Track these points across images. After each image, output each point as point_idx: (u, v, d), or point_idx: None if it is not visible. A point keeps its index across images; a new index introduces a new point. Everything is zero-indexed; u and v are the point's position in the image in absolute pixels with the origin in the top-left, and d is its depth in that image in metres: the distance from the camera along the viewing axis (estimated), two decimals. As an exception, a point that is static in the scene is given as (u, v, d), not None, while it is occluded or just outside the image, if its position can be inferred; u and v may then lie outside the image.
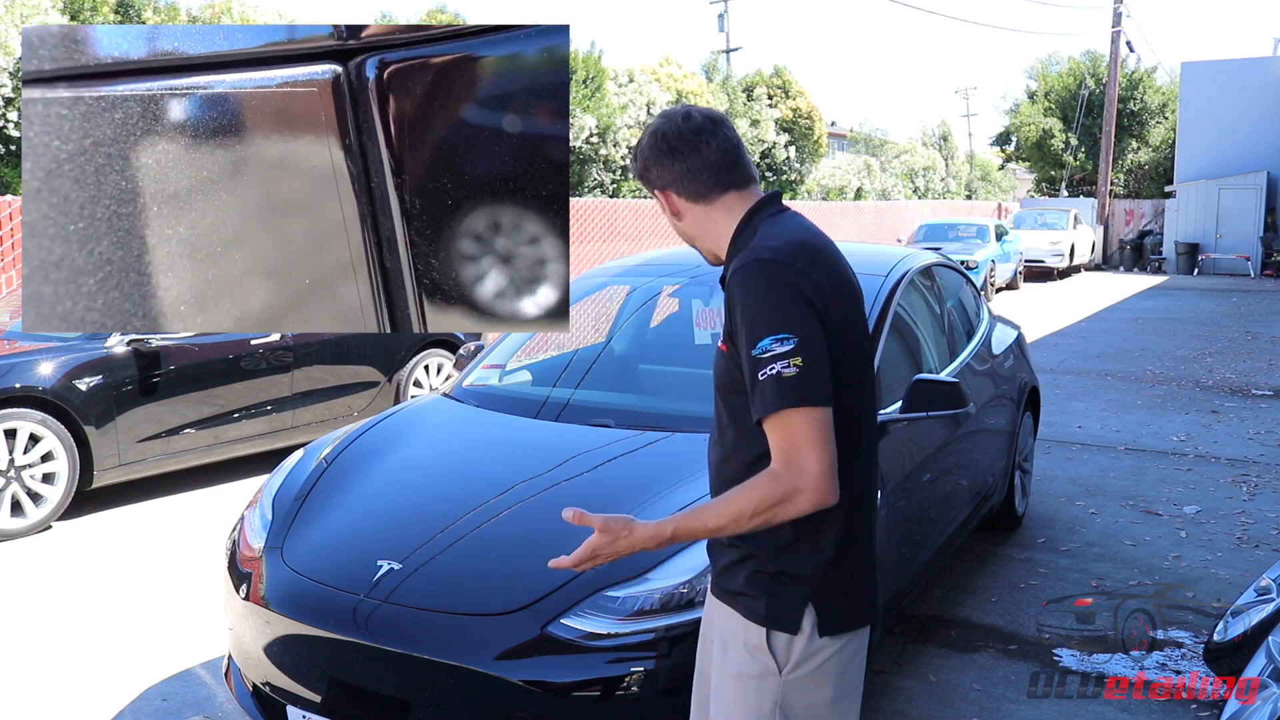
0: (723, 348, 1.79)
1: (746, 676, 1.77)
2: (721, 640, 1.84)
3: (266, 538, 2.99)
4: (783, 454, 1.63)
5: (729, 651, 1.81)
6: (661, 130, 1.83)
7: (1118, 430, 7.52)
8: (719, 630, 1.86)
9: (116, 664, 3.74)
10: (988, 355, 4.79)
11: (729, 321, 1.74)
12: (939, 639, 3.94)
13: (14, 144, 12.77)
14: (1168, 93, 33.05)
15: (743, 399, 1.72)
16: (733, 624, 1.81)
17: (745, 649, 1.77)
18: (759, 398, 1.64)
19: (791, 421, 1.62)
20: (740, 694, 1.77)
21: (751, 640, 1.77)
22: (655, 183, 1.86)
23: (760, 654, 1.76)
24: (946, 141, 47.21)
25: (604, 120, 20.69)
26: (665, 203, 1.88)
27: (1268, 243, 23.69)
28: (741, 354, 1.68)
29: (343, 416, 6.63)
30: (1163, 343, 12.32)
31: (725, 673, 1.81)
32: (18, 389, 5.14)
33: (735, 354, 1.72)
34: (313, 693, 2.63)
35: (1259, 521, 5.35)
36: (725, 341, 1.77)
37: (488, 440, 3.45)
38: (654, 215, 15.66)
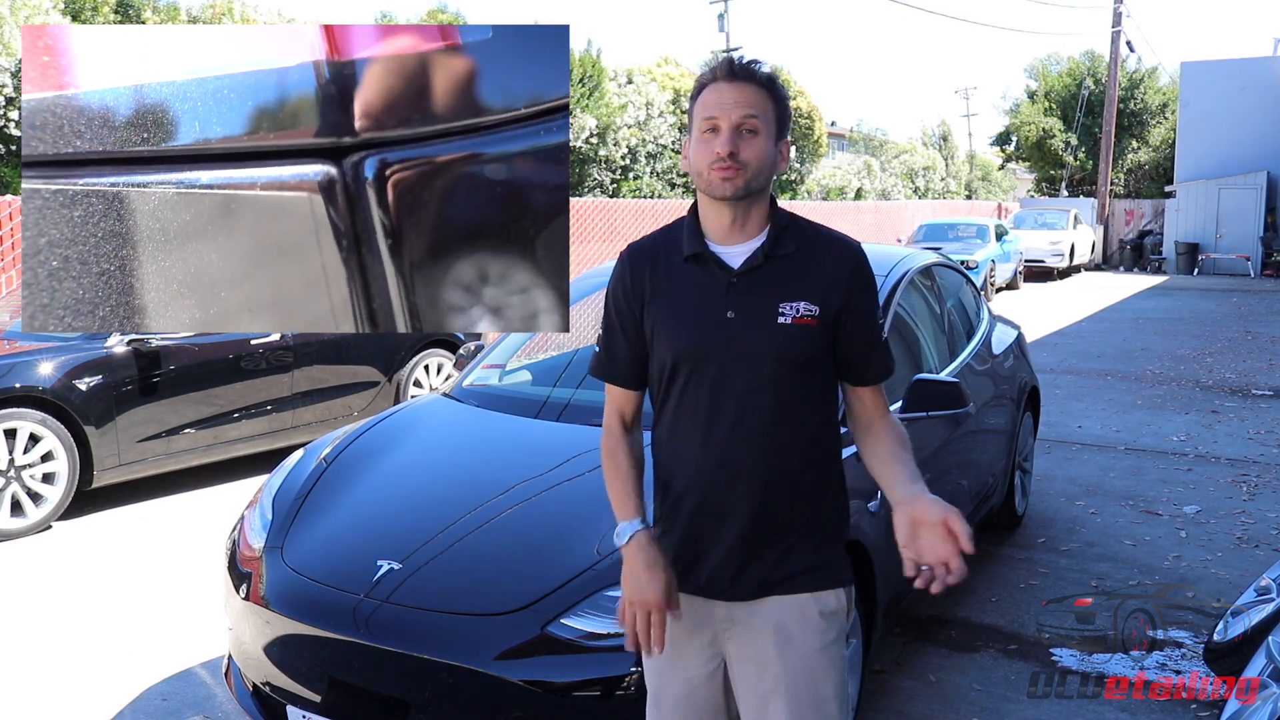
0: (810, 322, 1.82)
1: (829, 644, 1.85)
2: (777, 634, 1.83)
3: (266, 538, 2.99)
4: (886, 404, 1.94)
5: (795, 637, 1.83)
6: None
7: (1118, 430, 7.52)
8: (769, 629, 1.84)
9: (116, 664, 3.74)
10: (988, 355, 4.79)
11: (824, 297, 1.83)
12: (939, 639, 3.94)
13: (14, 144, 12.77)
14: (1168, 93, 33.06)
15: (818, 369, 1.86)
16: (796, 606, 1.84)
17: (822, 618, 1.85)
18: (879, 361, 1.90)
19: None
20: (828, 663, 1.85)
21: (829, 606, 1.86)
22: (786, 127, 1.86)
23: (837, 616, 1.87)
24: (946, 141, 47.23)
25: (603, 120, 20.69)
26: (785, 149, 1.87)
27: (1268, 243, 23.69)
28: (857, 324, 1.86)
29: (343, 416, 6.63)
30: (1163, 343, 12.32)
31: (804, 654, 1.83)
32: (18, 389, 5.14)
33: (835, 325, 1.85)
34: (313, 693, 2.63)
35: (1259, 521, 5.35)
36: (811, 316, 1.82)
37: (488, 440, 3.45)
38: (654, 215, 15.67)
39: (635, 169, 22.65)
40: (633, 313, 1.92)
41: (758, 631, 1.84)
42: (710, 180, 1.79)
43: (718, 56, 32.56)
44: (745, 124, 1.77)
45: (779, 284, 1.83)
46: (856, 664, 3.02)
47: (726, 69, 1.80)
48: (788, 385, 1.82)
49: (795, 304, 1.81)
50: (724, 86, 1.78)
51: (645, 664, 1.96)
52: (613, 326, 1.95)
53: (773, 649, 1.83)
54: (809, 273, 1.83)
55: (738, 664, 1.87)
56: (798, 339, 1.81)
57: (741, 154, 1.76)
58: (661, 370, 1.90)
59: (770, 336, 1.81)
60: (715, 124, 1.77)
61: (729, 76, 1.79)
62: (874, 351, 1.89)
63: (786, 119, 1.85)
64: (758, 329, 1.81)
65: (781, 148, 1.84)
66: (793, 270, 1.83)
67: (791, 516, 1.84)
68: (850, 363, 1.88)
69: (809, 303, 1.81)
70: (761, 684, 1.84)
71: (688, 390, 1.85)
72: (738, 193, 1.78)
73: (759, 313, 1.81)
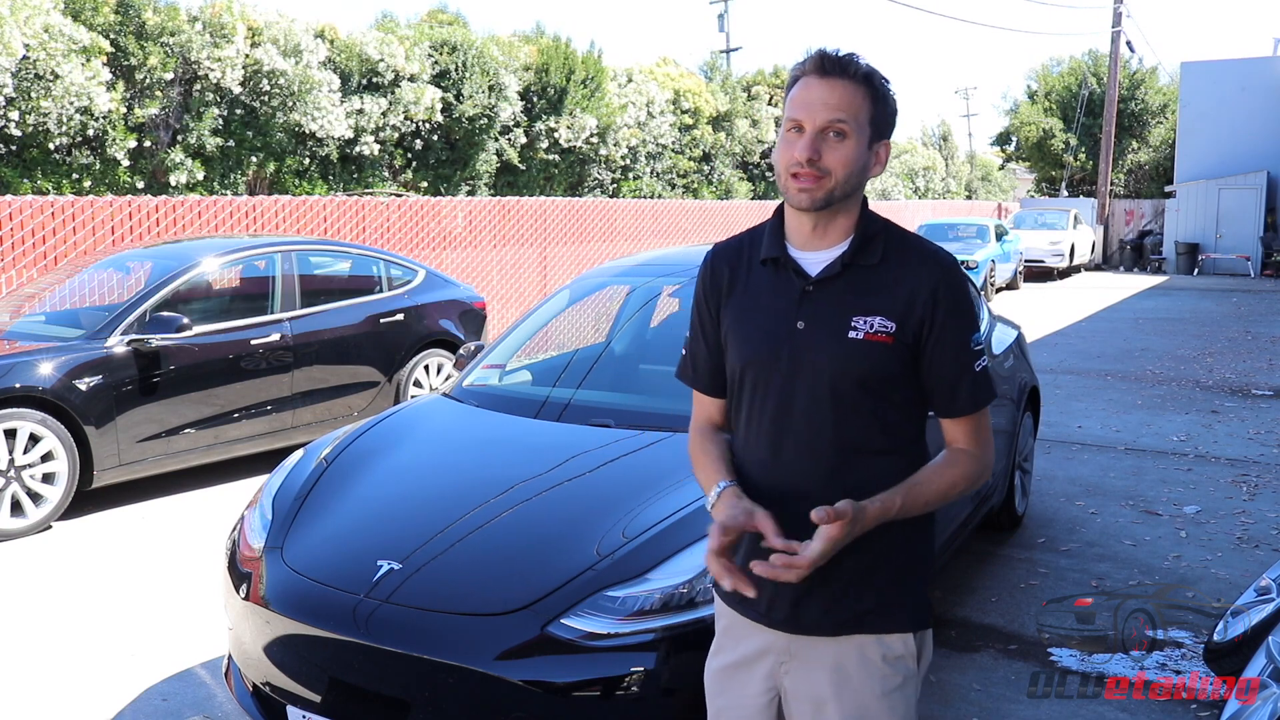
0: (884, 339, 1.67)
1: (891, 691, 1.73)
2: (835, 674, 1.72)
3: (266, 538, 2.99)
4: (976, 440, 1.74)
5: (854, 680, 1.72)
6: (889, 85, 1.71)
7: (1118, 430, 7.52)
8: (827, 668, 1.73)
9: (116, 664, 3.74)
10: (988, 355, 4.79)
11: (903, 313, 1.67)
12: (939, 639, 3.94)
13: (14, 144, 12.76)
14: (1168, 93, 33.04)
15: (892, 390, 1.70)
16: (857, 648, 1.72)
17: (885, 663, 1.73)
18: (976, 389, 1.71)
19: (986, 413, 1.75)
20: (888, 710, 1.73)
21: (894, 651, 1.73)
22: (888, 127, 1.71)
23: (903, 661, 1.74)
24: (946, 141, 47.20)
25: (604, 120, 20.68)
26: (883, 151, 1.71)
27: (1268, 243, 23.68)
28: (940, 347, 1.69)
29: (343, 416, 6.63)
30: (1163, 343, 12.32)
31: (862, 700, 1.72)
32: (18, 389, 5.14)
33: (916, 346, 1.69)
34: (313, 693, 2.63)
35: (1259, 521, 5.35)
36: (886, 334, 1.67)
37: (488, 440, 3.45)
38: (654, 215, 15.66)
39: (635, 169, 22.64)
40: (712, 315, 1.83)
41: (815, 669, 1.74)
42: (788, 187, 1.67)
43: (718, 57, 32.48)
44: (833, 127, 1.63)
45: (855, 296, 1.69)
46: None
47: (817, 63, 1.65)
48: (856, 406, 1.68)
49: (870, 319, 1.67)
50: (814, 82, 1.65)
51: (707, 685, 1.89)
52: (695, 329, 1.87)
53: (829, 689, 1.72)
54: (890, 286, 1.68)
55: (794, 700, 1.77)
56: (868, 356, 1.67)
57: (825, 160, 1.63)
58: (732, 378, 1.80)
59: (838, 351, 1.67)
60: (799, 124, 1.65)
61: (820, 71, 1.65)
62: (961, 381, 1.70)
63: (886, 118, 1.70)
64: (826, 342, 1.68)
65: (878, 150, 1.71)
66: (873, 282, 1.69)
67: (858, 550, 1.65)
68: (932, 389, 1.72)
69: (885, 318, 1.67)
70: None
71: (755, 402, 1.75)
72: (816, 204, 1.67)
73: (830, 325, 1.68)
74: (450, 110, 17.51)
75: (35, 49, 12.12)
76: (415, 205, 11.69)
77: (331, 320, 6.68)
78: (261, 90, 14.81)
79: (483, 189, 18.71)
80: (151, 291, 5.88)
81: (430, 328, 7.30)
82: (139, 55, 13.58)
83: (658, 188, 23.24)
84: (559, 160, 20.26)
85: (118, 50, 13.48)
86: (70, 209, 8.51)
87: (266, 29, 14.91)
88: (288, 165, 15.60)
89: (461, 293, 7.82)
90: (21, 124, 12.47)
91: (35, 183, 12.88)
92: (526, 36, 21.15)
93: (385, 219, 11.27)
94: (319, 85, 15.20)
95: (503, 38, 20.19)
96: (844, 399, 1.69)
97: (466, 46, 18.03)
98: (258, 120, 15.03)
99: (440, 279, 7.72)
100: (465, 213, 12.23)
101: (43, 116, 12.45)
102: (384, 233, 11.21)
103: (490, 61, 18.22)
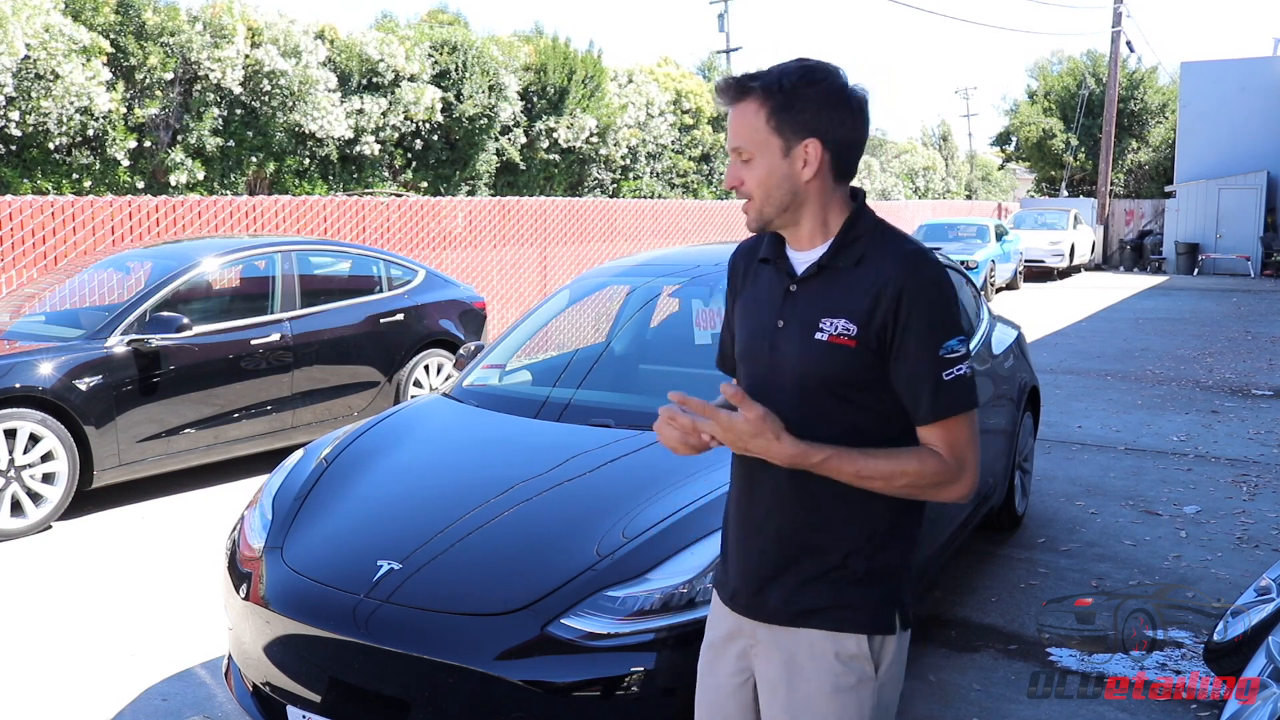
0: (846, 342, 1.66)
1: (843, 689, 1.73)
2: (788, 664, 1.76)
3: (266, 538, 2.99)
4: (952, 448, 1.66)
5: (806, 671, 1.74)
6: (843, 81, 1.68)
7: (1118, 430, 7.52)
8: (781, 656, 1.77)
9: (116, 664, 3.74)
10: (988, 355, 4.79)
11: (867, 316, 1.65)
12: (939, 639, 3.94)
13: (14, 144, 12.76)
14: (1168, 93, 33.04)
15: (860, 394, 1.68)
16: (809, 642, 1.74)
17: (837, 661, 1.73)
18: (941, 396, 1.64)
19: (964, 421, 1.67)
20: (838, 709, 1.73)
21: (846, 650, 1.73)
22: (807, 125, 1.66)
23: (857, 662, 1.73)
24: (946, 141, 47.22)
25: (604, 120, 20.69)
26: (804, 152, 1.67)
27: (1268, 243, 23.68)
28: (904, 351, 1.64)
29: (343, 416, 6.63)
30: (1163, 343, 12.32)
31: (810, 694, 1.74)
32: (18, 389, 5.14)
33: (880, 348, 1.65)
34: (313, 693, 2.63)
35: (1259, 521, 5.35)
36: (848, 336, 1.66)
37: (488, 440, 3.45)
38: (654, 215, 15.66)
39: (635, 169, 22.65)
40: (731, 308, 1.93)
41: (773, 653, 1.78)
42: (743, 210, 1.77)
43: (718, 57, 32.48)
44: (739, 154, 1.70)
45: (826, 297, 1.70)
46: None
47: (716, 93, 1.72)
48: (819, 407, 1.69)
49: (836, 321, 1.67)
50: (729, 111, 1.71)
51: (700, 664, 1.95)
52: (725, 321, 1.98)
53: (782, 677, 1.77)
54: (858, 289, 1.67)
55: (759, 682, 1.83)
56: (831, 359, 1.67)
57: (745, 185, 1.71)
58: (737, 368, 1.89)
59: (804, 352, 1.69)
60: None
61: (723, 100, 1.71)
62: (922, 387, 1.64)
63: (798, 118, 1.65)
64: (796, 342, 1.70)
65: (804, 149, 1.67)
66: (845, 284, 1.69)
67: (814, 548, 1.72)
68: (901, 396, 1.68)
69: (849, 321, 1.66)
70: (771, 709, 1.80)
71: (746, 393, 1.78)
72: (754, 227, 1.74)
73: (802, 325, 1.70)
74: (450, 110, 17.52)
75: (35, 49, 12.13)
76: (415, 205, 11.69)
77: (331, 320, 6.68)
78: (262, 90, 14.82)
79: (483, 189, 18.72)
80: (151, 291, 5.88)
81: (430, 328, 7.30)
82: (139, 55, 13.58)
83: (658, 188, 23.25)
84: (559, 160, 20.27)
85: (118, 50, 13.48)
86: (70, 209, 8.51)
87: (266, 29, 14.91)
88: (288, 165, 15.61)
89: (461, 293, 7.82)
90: (22, 124, 12.47)
91: (35, 183, 12.89)
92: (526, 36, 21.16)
93: (385, 219, 11.27)
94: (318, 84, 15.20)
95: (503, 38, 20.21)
96: (810, 400, 1.70)
97: (466, 46, 18.05)
98: (258, 120, 15.04)
99: (440, 279, 7.72)
100: (465, 213, 12.23)
101: (43, 116, 12.45)
102: (384, 233, 11.21)
103: (490, 61, 18.23)
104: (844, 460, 1.63)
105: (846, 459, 1.63)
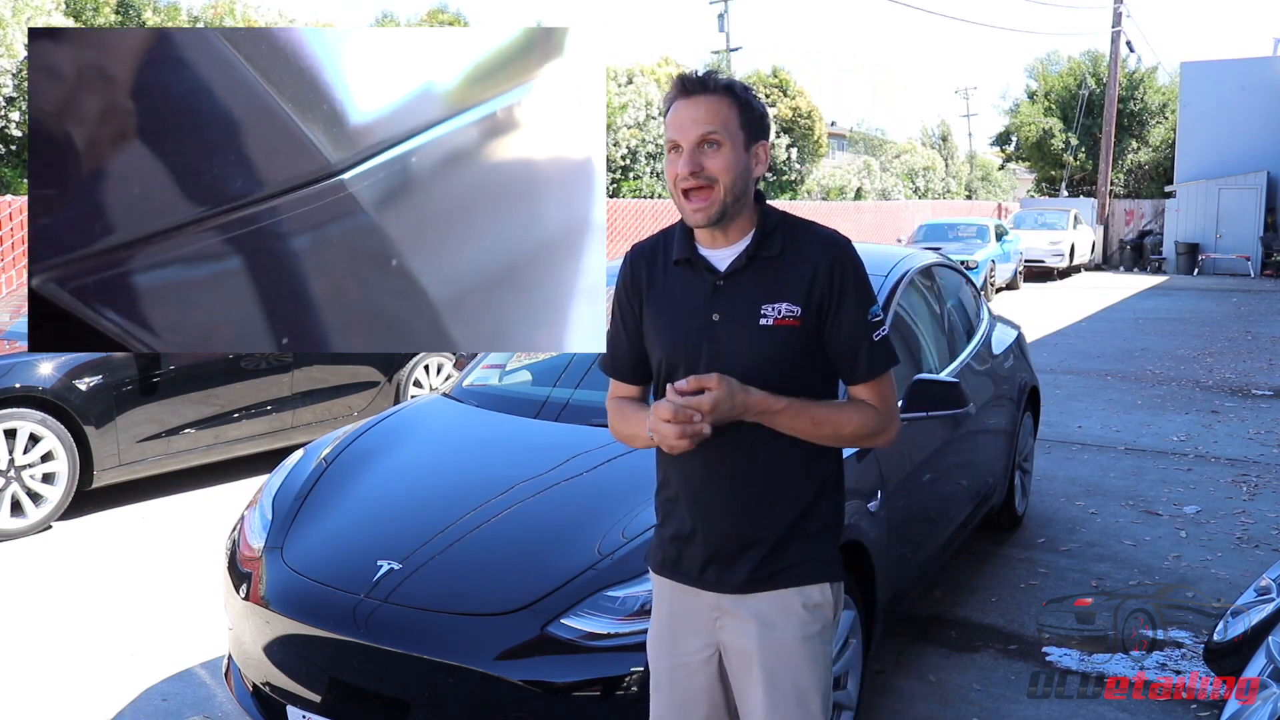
0: (792, 323, 1.82)
1: (812, 636, 1.89)
2: (760, 625, 1.88)
3: (266, 538, 2.99)
4: (884, 401, 1.89)
5: (777, 627, 1.87)
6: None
7: (1118, 430, 7.52)
8: (754, 619, 1.88)
9: (116, 664, 3.74)
10: (988, 355, 4.79)
11: (805, 297, 1.82)
12: (939, 639, 3.94)
13: (14, 144, 12.77)
14: (1168, 93, 33.06)
15: (805, 368, 1.85)
16: (779, 601, 1.88)
17: (806, 610, 1.88)
18: (872, 357, 1.85)
19: (889, 377, 1.90)
20: (810, 655, 1.89)
21: (813, 599, 1.89)
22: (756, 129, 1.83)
23: (821, 609, 1.91)
24: (946, 141, 47.25)
25: (604, 120, 20.72)
26: (759, 152, 1.85)
27: (1268, 243, 23.68)
28: (839, 320, 1.83)
29: (343, 416, 6.63)
30: (1163, 343, 12.32)
31: (784, 645, 1.87)
32: (18, 389, 5.14)
33: (819, 322, 1.84)
34: (313, 693, 2.63)
35: (1259, 521, 5.35)
36: (793, 317, 1.82)
37: (488, 440, 3.45)
38: (654, 215, 15.67)
39: (635, 169, 22.67)
40: (633, 311, 1.98)
41: (743, 621, 1.89)
42: (683, 207, 1.81)
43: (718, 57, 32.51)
44: (706, 139, 1.77)
45: (762, 286, 1.84)
46: (856, 664, 3.02)
47: (679, 86, 1.80)
48: (773, 387, 1.82)
49: (778, 305, 1.82)
50: (682, 104, 1.79)
51: (649, 653, 2.02)
52: (616, 324, 2.01)
53: (755, 639, 1.87)
54: (791, 273, 1.84)
55: (730, 653, 1.92)
56: (780, 340, 1.82)
57: (707, 169, 1.77)
58: (657, 370, 1.96)
59: (753, 338, 1.82)
60: (677, 143, 1.79)
61: (684, 93, 1.79)
62: (859, 348, 1.85)
63: (755, 121, 1.83)
64: (741, 331, 1.83)
65: (757, 150, 1.84)
66: (776, 271, 1.84)
67: (780, 517, 1.88)
68: (836, 358, 1.88)
69: (791, 303, 1.82)
70: (746, 673, 1.89)
71: None
72: (711, 220, 1.80)
73: (742, 315, 1.83)
74: (450, 110, 17.50)
75: (35, 49, 12.13)
76: (415, 205, 11.68)
77: (331, 320, 6.67)
78: (261, 90, 14.81)
79: (483, 189, 18.70)
80: (151, 291, 5.87)
81: (430, 328, 7.29)
82: (139, 55, 13.57)
83: (657, 188, 23.26)
84: (559, 160, 20.24)
85: (118, 50, 13.48)
86: (70, 209, 8.50)
87: (266, 29, 14.93)
88: (288, 165, 15.60)
89: (461, 293, 7.81)
90: (22, 124, 12.47)
91: (35, 183, 12.88)
92: (526, 36, 21.13)
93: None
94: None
95: (503, 38, 20.18)
96: (763, 382, 1.82)
97: (466, 46, 18.03)
98: (258, 120, 15.04)
99: (440, 279, 7.70)
100: (465, 213, 12.21)
101: (43, 116, 12.44)
102: (384, 233, 11.20)
103: (490, 61, 18.21)
104: (802, 407, 1.82)
105: (803, 406, 1.82)
